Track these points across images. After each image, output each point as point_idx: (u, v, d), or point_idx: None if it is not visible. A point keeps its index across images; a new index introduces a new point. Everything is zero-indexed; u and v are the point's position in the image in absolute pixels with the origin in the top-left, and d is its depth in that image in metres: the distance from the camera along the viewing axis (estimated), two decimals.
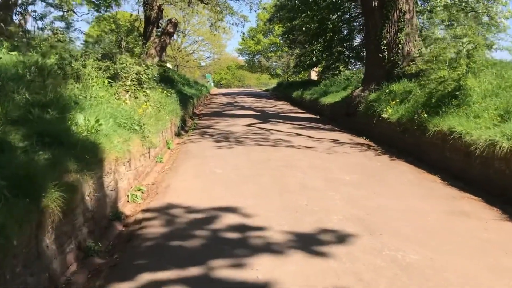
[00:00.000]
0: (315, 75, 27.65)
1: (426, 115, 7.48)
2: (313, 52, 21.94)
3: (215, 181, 6.10)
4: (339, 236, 3.95)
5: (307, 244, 3.78)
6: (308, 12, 20.06)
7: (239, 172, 6.60)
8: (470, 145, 5.81)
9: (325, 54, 21.95)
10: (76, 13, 18.00)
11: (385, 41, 11.27)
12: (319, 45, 21.54)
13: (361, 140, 9.83)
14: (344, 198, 5.19)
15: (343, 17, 21.72)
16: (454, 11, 12.85)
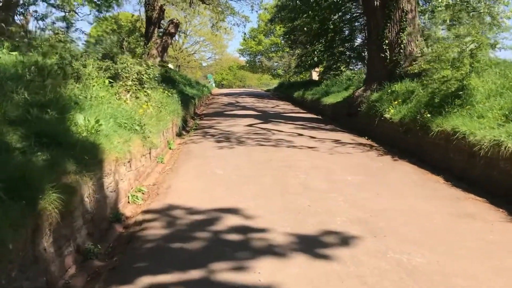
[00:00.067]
0: (316, 75, 27.60)
1: (429, 115, 7.39)
2: (315, 52, 21.85)
3: (216, 181, 6.04)
4: (343, 238, 3.88)
5: (310, 246, 3.71)
6: (310, 12, 19.98)
7: (241, 172, 6.54)
8: (474, 146, 5.74)
9: (327, 54, 21.89)
10: (77, 14, 17.97)
11: (387, 41, 11.20)
12: (320, 45, 21.46)
13: (363, 140, 9.76)
14: (347, 199, 5.12)
15: (344, 17, 21.69)
16: (456, 10, 12.76)
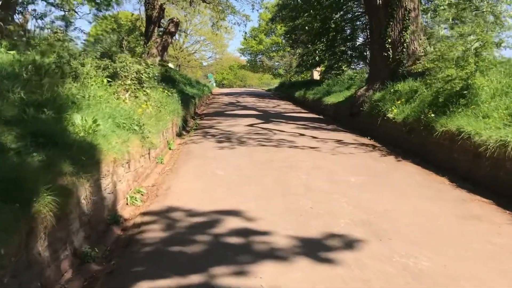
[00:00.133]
0: (317, 75, 27.49)
1: (433, 115, 7.29)
2: (316, 52, 21.75)
3: (217, 182, 5.94)
4: (347, 241, 3.77)
5: (313, 249, 3.61)
6: (311, 11, 19.90)
7: (242, 173, 6.43)
8: (479, 146, 5.64)
9: (328, 54, 21.79)
10: (77, 13, 17.89)
11: (389, 40, 11.09)
12: (321, 44, 21.36)
13: (366, 140, 9.65)
14: (350, 200, 5.02)
15: (346, 16, 21.58)
16: (459, 9, 12.65)
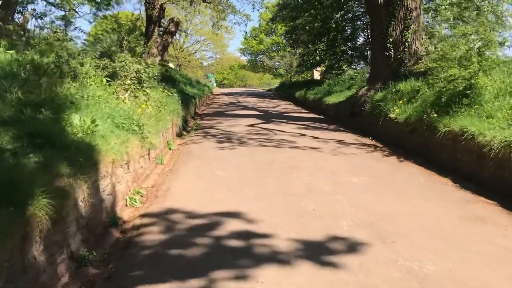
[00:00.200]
0: (318, 75, 27.39)
1: (435, 115, 7.21)
2: (316, 52, 21.66)
3: (217, 183, 5.86)
4: (350, 244, 3.70)
5: (316, 253, 3.53)
6: (311, 11, 19.82)
7: (242, 174, 6.36)
8: (483, 146, 5.56)
9: (328, 54, 21.70)
10: (77, 13, 17.83)
11: (391, 39, 11.01)
12: (322, 44, 21.27)
13: (367, 140, 9.57)
14: (352, 202, 4.94)
15: (347, 16, 21.50)
16: (462, 8, 12.56)
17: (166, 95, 9.50)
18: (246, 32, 32.06)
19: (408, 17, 10.81)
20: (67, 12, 16.87)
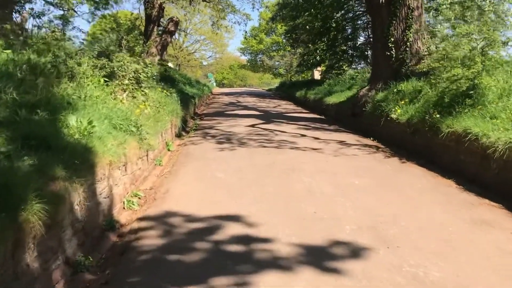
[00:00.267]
0: (318, 75, 27.29)
1: (438, 116, 7.12)
2: (317, 51, 21.57)
3: (217, 186, 5.77)
4: (353, 249, 3.60)
5: (318, 258, 3.44)
6: (312, 11, 19.71)
7: (242, 175, 6.27)
8: (487, 148, 5.47)
9: (329, 53, 21.62)
10: (76, 12, 17.70)
11: (392, 39, 10.92)
12: (322, 44, 21.18)
13: (369, 141, 9.48)
14: (355, 205, 4.85)
15: (347, 15, 21.41)
16: (465, 7, 12.47)
17: (165, 95, 9.40)
18: (246, 32, 31.87)
19: (410, 16, 10.72)
20: (65, 12, 16.76)
